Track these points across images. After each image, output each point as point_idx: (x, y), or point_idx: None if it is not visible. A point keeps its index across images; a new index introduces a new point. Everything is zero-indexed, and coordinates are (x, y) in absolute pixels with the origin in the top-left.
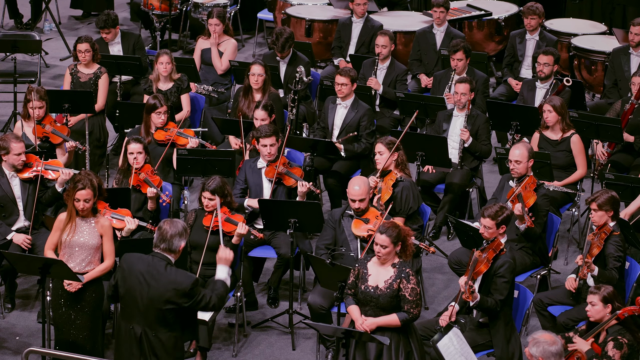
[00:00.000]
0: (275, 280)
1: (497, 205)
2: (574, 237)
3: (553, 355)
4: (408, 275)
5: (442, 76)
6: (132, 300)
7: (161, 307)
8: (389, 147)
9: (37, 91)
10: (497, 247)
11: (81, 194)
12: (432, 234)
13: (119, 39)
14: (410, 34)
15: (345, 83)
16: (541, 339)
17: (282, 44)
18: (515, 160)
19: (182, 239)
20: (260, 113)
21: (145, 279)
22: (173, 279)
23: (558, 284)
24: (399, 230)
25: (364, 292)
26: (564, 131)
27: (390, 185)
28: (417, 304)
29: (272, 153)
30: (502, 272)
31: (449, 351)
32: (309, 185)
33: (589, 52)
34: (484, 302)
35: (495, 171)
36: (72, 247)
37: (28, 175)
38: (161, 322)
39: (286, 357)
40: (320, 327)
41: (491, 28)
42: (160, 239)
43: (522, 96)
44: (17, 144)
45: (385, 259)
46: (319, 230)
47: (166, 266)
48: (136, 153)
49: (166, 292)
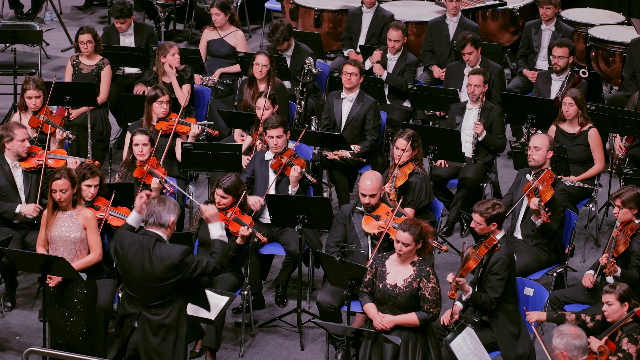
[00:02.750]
0: (284, 278)
1: (490, 202)
2: (591, 234)
3: (576, 349)
4: (428, 274)
5: (455, 68)
6: (131, 281)
7: (158, 285)
8: (412, 143)
9: (33, 80)
10: (489, 243)
11: (57, 184)
12: (445, 230)
13: (132, 30)
14: (422, 25)
15: (355, 73)
16: (566, 332)
17: (278, 36)
18: (535, 147)
19: (172, 213)
20: (262, 102)
21: (137, 261)
22: (162, 255)
23: (575, 281)
24: (421, 228)
25: (382, 290)
26: (582, 125)
27: (407, 172)
28: (437, 303)
29: (279, 145)
30: (495, 269)
31: (462, 351)
32: (300, 170)
33: (606, 43)
34: (477, 298)
35: (510, 166)
36: (55, 243)
37: (31, 165)
38: (161, 300)
39: (294, 357)
40: (330, 327)
41: (506, 18)
42: (149, 213)
43: (538, 88)
44: (20, 130)
45: (406, 257)
46: (328, 226)
47: (155, 243)
48: (141, 145)
49: (157, 269)
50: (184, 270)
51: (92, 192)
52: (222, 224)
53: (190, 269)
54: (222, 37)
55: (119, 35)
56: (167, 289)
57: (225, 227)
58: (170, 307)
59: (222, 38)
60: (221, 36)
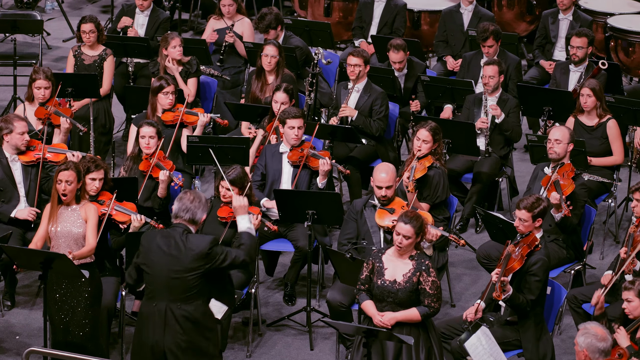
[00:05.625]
0: (293, 276)
1: (534, 197)
2: (610, 230)
3: (598, 352)
4: (428, 267)
5: (471, 57)
6: (157, 275)
7: (185, 275)
8: (434, 135)
9: (43, 71)
10: (532, 243)
11: (63, 174)
12: (459, 227)
13: (148, 12)
14: (435, 14)
15: (358, 64)
16: (592, 331)
17: (265, 24)
18: (556, 140)
19: (205, 211)
20: (282, 96)
21: (165, 252)
22: (191, 246)
23: (593, 279)
24: (421, 222)
25: (381, 287)
26: (600, 117)
27: (426, 165)
28: (437, 297)
29: (300, 136)
30: (535, 270)
31: (477, 351)
32: (331, 161)
33: (626, 32)
34: (516, 298)
35: (527, 159)
36: (57, 239)
37: (30, 158)
38: (188, 292)
39: (304, 357)
40: (340, 326)
41: (522, 7)
42: (183, 209)
43: (555, 80)
44: (19, 122)
45: (405, 250)
46: (338, 222)
47: (183, 233)
48: (148, 137)
49: (186, 259)
50: (213, 260)
51: (96, 185)
52: (250, 217)
53: (220, 259)
54: (230, 25)
55: (134, 12)
56: (194, 281)
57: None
58: (198, 300)
59: (230, 27)
60: (228, 25)
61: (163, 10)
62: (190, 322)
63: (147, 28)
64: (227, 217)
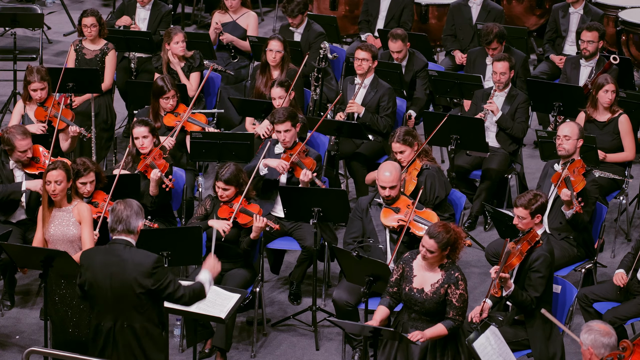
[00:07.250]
0: (299, 275)
1: (531, 193)
2: (621, 228)
3: (604, 347)
4: (457, 280)
5: (476, 54)
6: (100, 294)
7: (134, 291)
8: (405, 142)
9: (37, 71)
10: (532, 239)
11: (51, 174)
12: (467, 224)
13: (150, 6)
14: (444, 7)
15: (366, 58)
16: (595, 327)
17: (293, 7)
18: (565, 136)
19: (139, 218)
20: (277, 91)
21: (108, 268)
22: (136, 260)
23: (604, 278)
24: (449, 237)
25: (409, 294)
26: (612, 112)
27: (415, 175)
28: (463, 310)
29: (287, 140)
30: (537, 266)
31: (485, 351)
32: (312, 175)
33: (637, 26)
34: (518, 295)
35: (536, 156)
36: (53, 243)
37: (33, 170)
38: (137, 309)
39: (309, 357)
40: (347, 326)
41: (532, 0)
42: (116, 220)
43: (566, 74)
44: (22, 140)
45: (432, 263)
46: (344, 220)
47: (125, 247)
48: (142, 137)
49: (132, 274)
50: (158, 282)
51: (87, 189)
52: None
53: (163, 284)
54: (235, 19)
55: (135, 6)
56: (143, 299)
57: (234, 220)
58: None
59: (235, 21)
60: (233, 19)
61: (165, 4)
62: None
63: (149, 22)
64: (228, 217)
